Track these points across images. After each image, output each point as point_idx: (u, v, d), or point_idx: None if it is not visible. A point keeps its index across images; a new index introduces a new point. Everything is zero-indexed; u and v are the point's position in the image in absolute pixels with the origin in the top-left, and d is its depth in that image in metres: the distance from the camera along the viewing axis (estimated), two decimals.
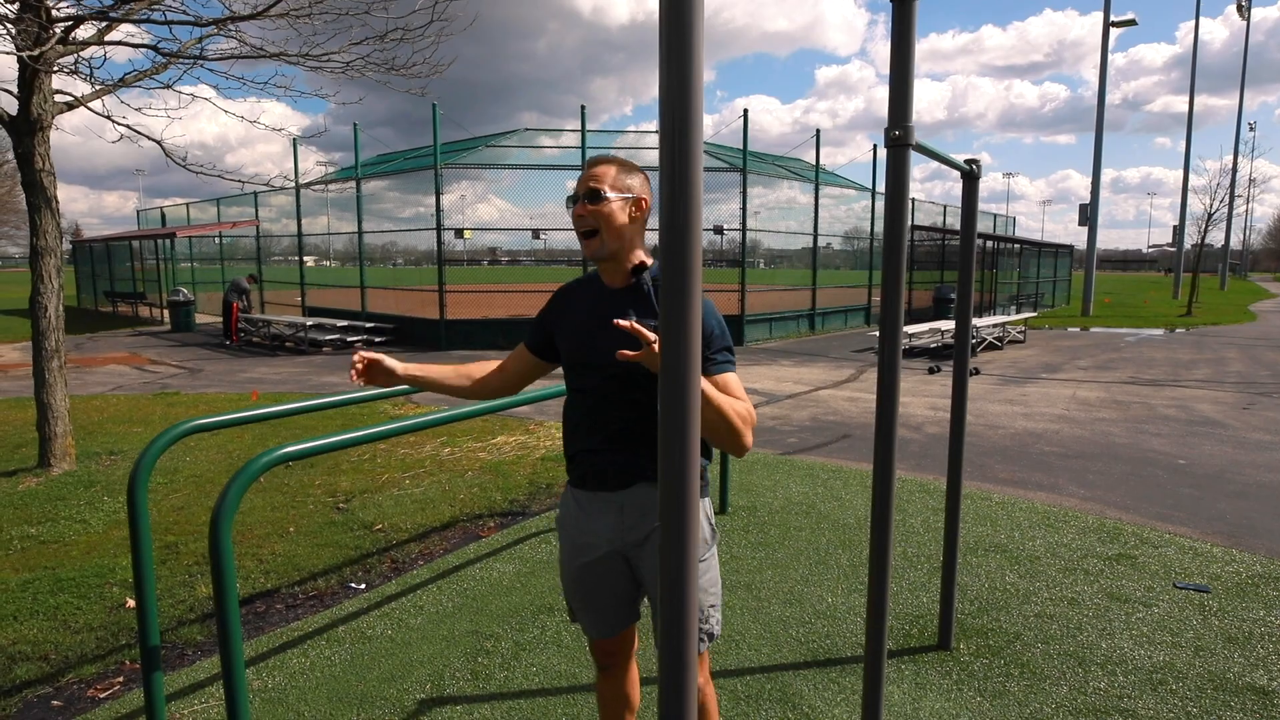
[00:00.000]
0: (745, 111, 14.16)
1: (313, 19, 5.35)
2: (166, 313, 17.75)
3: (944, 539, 2.91)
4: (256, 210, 18.14)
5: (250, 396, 8.53)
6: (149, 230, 22.40)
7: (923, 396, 8.70)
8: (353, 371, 1.84)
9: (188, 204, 21.87)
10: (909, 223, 1.79)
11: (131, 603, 3.54)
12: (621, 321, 1.50)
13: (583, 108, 13.29)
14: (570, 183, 12.55)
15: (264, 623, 3.28)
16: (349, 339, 14.02)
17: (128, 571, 3.81)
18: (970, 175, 2.63)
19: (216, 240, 20.96)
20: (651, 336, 1.47)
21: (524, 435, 6.65)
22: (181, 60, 5.81)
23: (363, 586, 3.63)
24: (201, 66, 6.01)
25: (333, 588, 3.63)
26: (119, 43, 5.49)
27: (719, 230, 15.01)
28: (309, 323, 14.28)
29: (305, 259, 19.78)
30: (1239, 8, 35.77)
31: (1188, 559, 3.77)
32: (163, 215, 23.18)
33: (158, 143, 5.91)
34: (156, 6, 5.65)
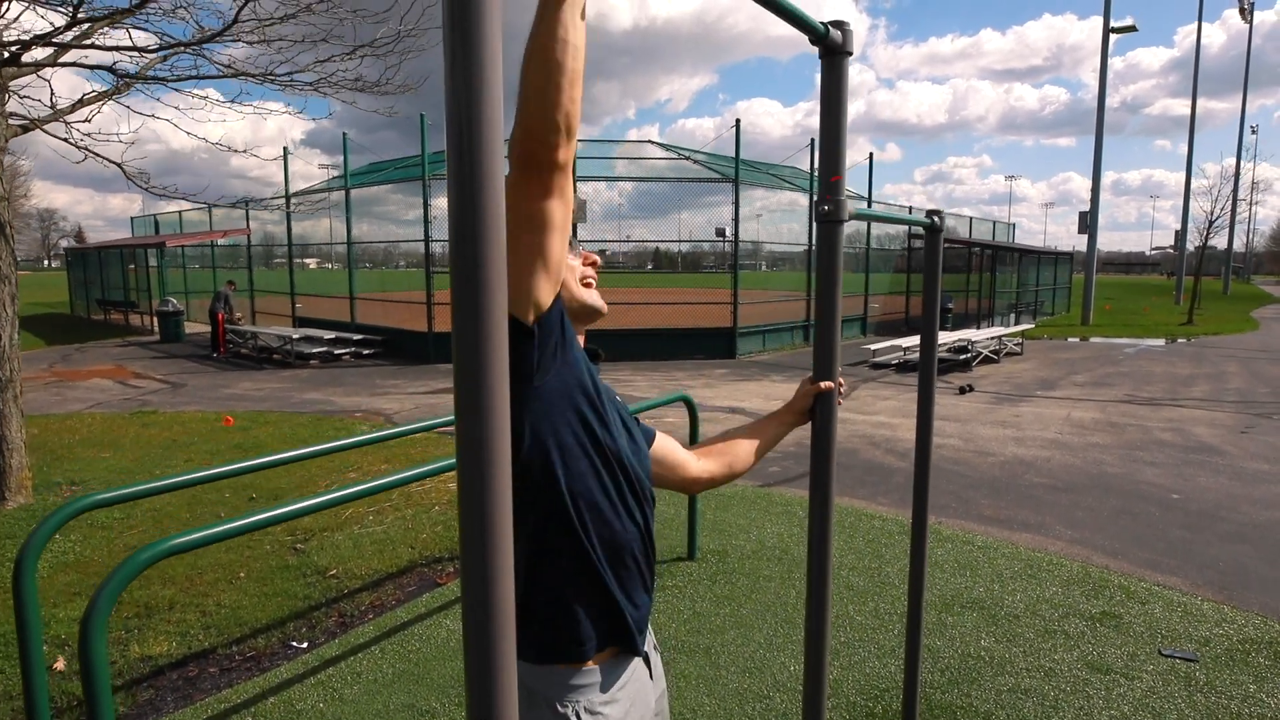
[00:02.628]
0: (737, 121, 13.97)
1: (269, 43, 5.17)
2: (156, 321, 17.61)
3: (907, 612, 2.71)
4: (247, 219, 17.98)
5: (224, 422, 8.36)
6: (140, 239, 22.27)
7: (914, 418, 8.50)
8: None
9: (180, 211, 21.72)
10: (841, 295, 1.60)
11: (61, 664, 3.36)
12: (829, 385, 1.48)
13: None
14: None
15: (193, 690, 3.10)
16: (336, 351, 13.85)
17: (64, 625, 3.63)
18: (933, 229, 2.43)
19: (210, 248, 20.81)
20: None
21: None
22: (142, 82, 5.65)
23: (304, 645, 3.44)
24: (166, 86, 5.85)
25: (273, 647, 3.45)
26: (73, 64, 5.31)
27: (721, 233, 14.92)
28: (296, 335, 14.12)
29: (309, 262, 19.65)
30: (1241, 10, 35.51)
31: (1176, 618, 3.57)
32: (155, 223, 23.04)
33: (118, 165, 5.75)
34: (119, 23, 5.49)
